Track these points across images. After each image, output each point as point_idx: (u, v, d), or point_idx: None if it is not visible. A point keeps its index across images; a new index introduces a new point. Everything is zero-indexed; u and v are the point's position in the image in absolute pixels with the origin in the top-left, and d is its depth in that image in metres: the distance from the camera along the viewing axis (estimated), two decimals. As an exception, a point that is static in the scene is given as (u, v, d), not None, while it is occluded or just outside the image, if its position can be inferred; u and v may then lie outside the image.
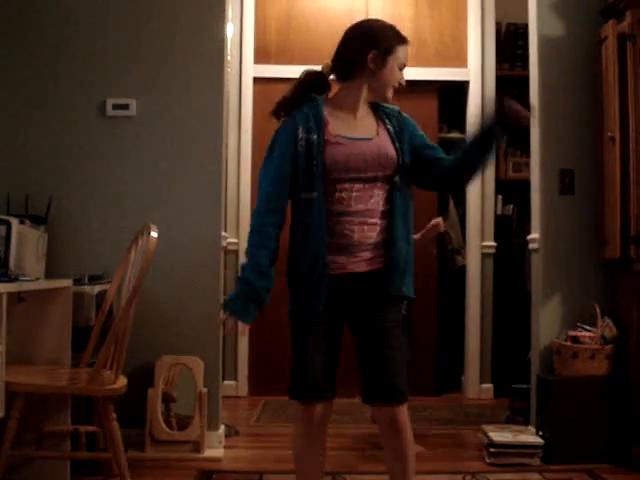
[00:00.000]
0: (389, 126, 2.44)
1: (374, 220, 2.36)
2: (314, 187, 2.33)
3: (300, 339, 2.47)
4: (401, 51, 2.44)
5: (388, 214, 2.38)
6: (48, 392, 2.90)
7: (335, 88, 2.53)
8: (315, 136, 2.35)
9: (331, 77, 2.55)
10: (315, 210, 2.33)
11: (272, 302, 2.64)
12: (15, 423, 2.72)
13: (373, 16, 5.33)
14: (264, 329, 5.30)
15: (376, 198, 2.37)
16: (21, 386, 2.72)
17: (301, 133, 2.39)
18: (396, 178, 2.38)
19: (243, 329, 2.38)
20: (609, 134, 3.68)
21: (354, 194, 2.34)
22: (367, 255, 2.36)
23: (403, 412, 2.31)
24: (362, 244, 2.35)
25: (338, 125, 2.39)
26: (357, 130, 2.40)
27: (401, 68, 2.46)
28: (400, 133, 2.44)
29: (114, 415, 2.84)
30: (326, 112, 2.41)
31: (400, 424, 2.30)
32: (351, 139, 2.36)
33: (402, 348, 2.39)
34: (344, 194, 2.34)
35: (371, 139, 2.39)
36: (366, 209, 2.35)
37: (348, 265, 2.36)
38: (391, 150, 2.39)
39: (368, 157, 2.35)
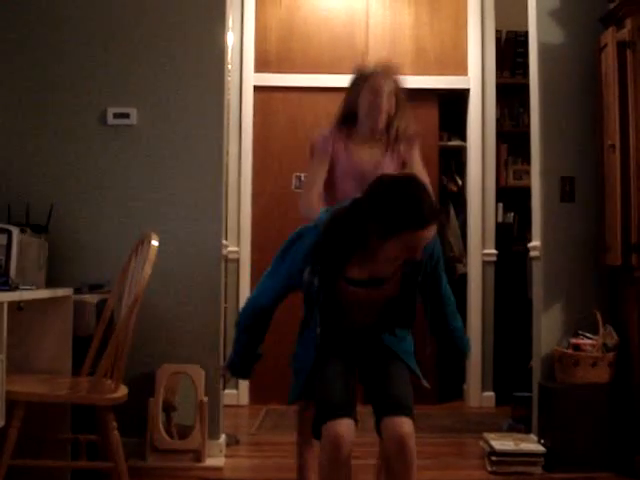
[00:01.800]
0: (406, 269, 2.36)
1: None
2: (315, 321, 2.44)
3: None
4: (410, 238, 2.16)
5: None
6: (49, 401, 2.89)
7: None
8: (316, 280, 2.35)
9: None
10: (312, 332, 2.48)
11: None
12: (15, 432, 2.71)
13: (373, 24, 5.38)
14: (265, 337, 5.29)
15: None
16: (21, 395, 2.71)
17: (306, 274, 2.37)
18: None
19: None
20: (609, 142, 3.68)
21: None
22: None
23: (408, 425, 2.24)
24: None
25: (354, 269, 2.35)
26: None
27: (412, 249, 2.21)
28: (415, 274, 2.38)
29: (115, 424, 2.83)
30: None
31: (404, 438, 2.22)
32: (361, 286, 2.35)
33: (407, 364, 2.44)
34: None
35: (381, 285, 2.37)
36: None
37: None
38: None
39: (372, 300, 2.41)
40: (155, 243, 2.78)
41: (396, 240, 2.15)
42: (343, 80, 5.34)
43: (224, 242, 3.94)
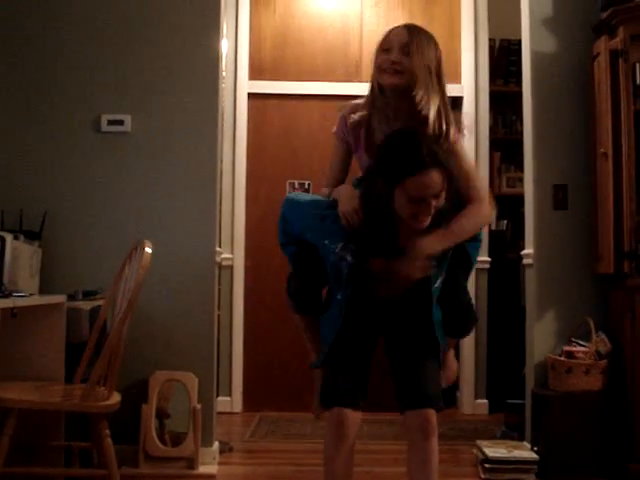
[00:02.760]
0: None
1: None
2: (343, 293, 2.37)
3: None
4: (413, 184, 2.18)
5: None
6: (41, 408, 2.88)
7: None
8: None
9: None
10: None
11: (267, 319, 2.66)
12: (8, 440, 2.70)
13: (367, 33, 5.40)
14: (259, 345, 5.29)
15: None
16: (14, 402, 2.70)
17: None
18: None
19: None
20: (602, 150, 3.70)
21: None
22: None
23: (432, 417, 2.31)
24: None
25: None
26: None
27: (419, 200, 2.21)
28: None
29: (108, 431, 2.83)
30: None
31: (428, 429, 2.30)
32: None
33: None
34: None
35: None
36: None
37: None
38: None
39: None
40: (149, 250, 2.78)
41: (401, 191, 2.18)
42: (337, 88, 5.43)
43: (218, 249, 3.94)
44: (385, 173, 2.21)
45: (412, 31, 2.41)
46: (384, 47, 2.39)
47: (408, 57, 2.36)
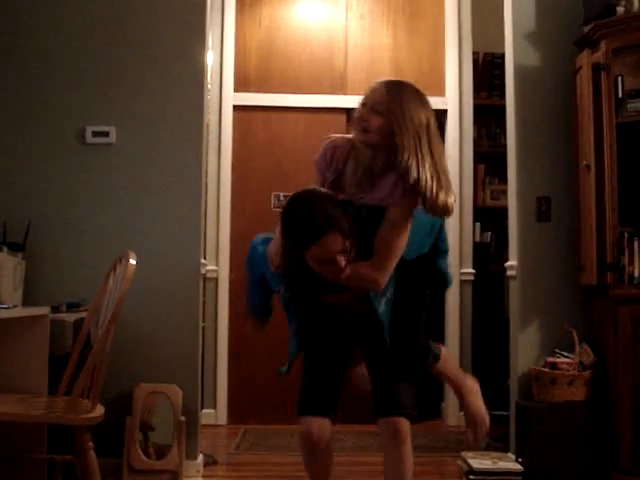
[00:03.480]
0: None
1: None
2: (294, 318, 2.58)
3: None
4: (315, 252, 2.24)
5: None
6: (24, 421, 2.85)
7: None
8: None
9: None
10: None
11: (251, 331, 2.70)
12: (-10, 453, 2.68)
13: (352, 45, 5.43)
14: (243, 357, 5.28)
15: None
16: (-3, 415, 2.69)
17: None
18: None
19: None
20: (585, 162, 3.73)
21: None
22: None
23: (403, 426, 2.39)
24: None
25: None
26: None
27: (325, 261, 2.27)
28: None
29: (91, 444, 2.81)
30: None
31: (398, 437, 2.39)
32: None
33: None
34: None
35: None
36: None
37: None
38: None
39: None
40: (133, 262, 2.77)
41: (308, 255, 2.25)
42: (322, 100, 5.45)
43: (203, 261, 3.93)
44: (289, 239, 2.29)
45: (391, 90, 2.34)
46: (362, 100, 2.35)
47: (378, 116, 2.30)
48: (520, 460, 3.74)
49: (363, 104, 2.35)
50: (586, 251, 3.74)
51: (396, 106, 2.28)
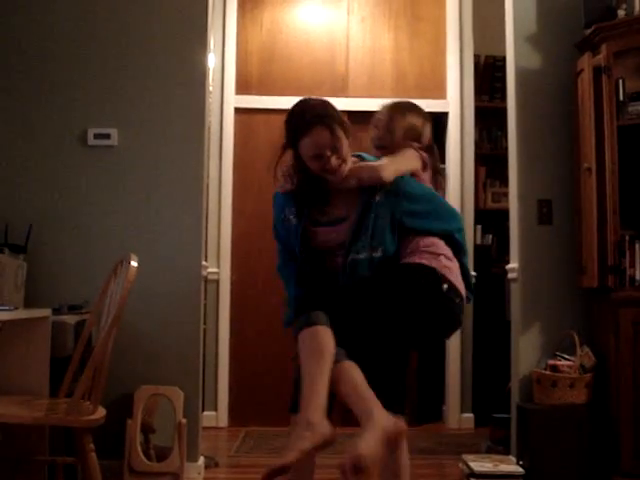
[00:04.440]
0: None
1: None
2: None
3: None
4: (305, 145, 2.40)
5: None
6: (25, 423, 2.85)
7: None
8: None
9: None
10: None
11: (253, 333, 2.66)
12: (-8, 454, 2.69)
13: (353, 48, 5.43)
14: (244, 359, 5.28)
15: None
16: (-2, 417, 2.69)
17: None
18: None
19: None
20: (586, 165, 3.73)
21: None
22: None
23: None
24: None
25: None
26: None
27: (316, 157, 2.40)
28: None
29: (92, 446, 2.81)
30: None
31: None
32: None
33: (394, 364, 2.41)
34: None
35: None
36: None
37: None
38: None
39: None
40: (134, 264, 2.78)
41: (301, 151, 2.41)
42: (323, 103, 5.44)
43: (204, 263, 3.94)
44: (286, 137, 2.49)
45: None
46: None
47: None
48: (521, 463, 3.73)
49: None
50: (587, 254, 3.74)
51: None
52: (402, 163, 2.52)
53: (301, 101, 2.49)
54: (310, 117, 2.38)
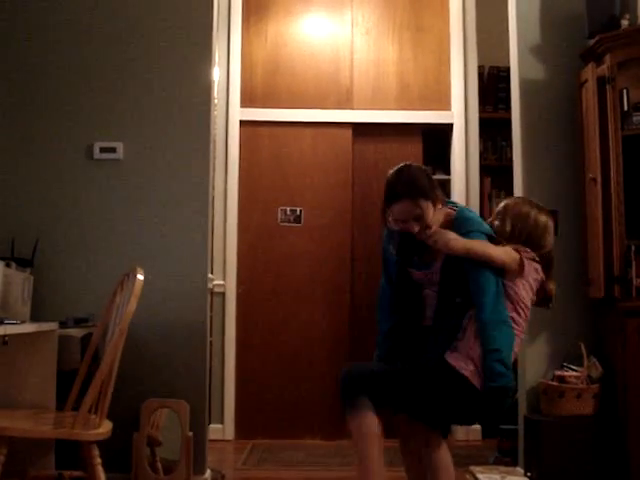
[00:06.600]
0: None
1: None
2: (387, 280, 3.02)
3: None
4: (393, 210, 2.73)
5: None
6: (32, 436, 2.86)
7: None
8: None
9: None
10: None
11: (259, 345, 2.66)
12: (-1, 468, 2.69)
13: (357, 60, 5.45)
14: (251, 371, 5.28)
15: None
16: (5, 430, 2.68)
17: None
18: None
19: None
20: (591, 175, 3.73)
21: None
22: None
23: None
24: None
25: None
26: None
27: (401, 221, 2.74)
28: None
29: (99, 459, 2.80)
30: None
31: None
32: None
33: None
34: None
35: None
36: None
37: None
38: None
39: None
40: (140, 277, 2.78)
41: (391, 213, 2.74)
42: (328, 115, 5.47)
43: (210, 276, 3.94)
44: (384, 201, 2.78)
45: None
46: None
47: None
48: (529, 474, 3.72)
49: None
50: (593, 264, 3.74)
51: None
52: (480, 247, 2.70)
53: (399, 169, 2.76)
54: (400, 189, 2.70)
